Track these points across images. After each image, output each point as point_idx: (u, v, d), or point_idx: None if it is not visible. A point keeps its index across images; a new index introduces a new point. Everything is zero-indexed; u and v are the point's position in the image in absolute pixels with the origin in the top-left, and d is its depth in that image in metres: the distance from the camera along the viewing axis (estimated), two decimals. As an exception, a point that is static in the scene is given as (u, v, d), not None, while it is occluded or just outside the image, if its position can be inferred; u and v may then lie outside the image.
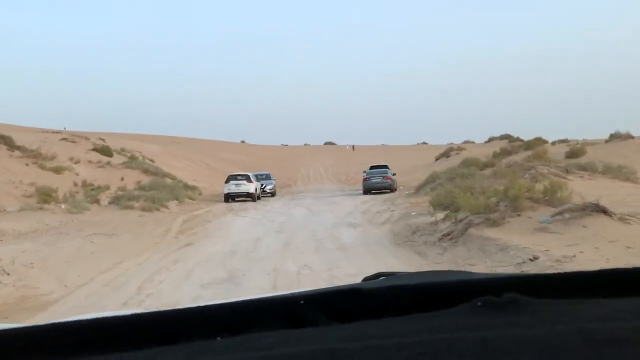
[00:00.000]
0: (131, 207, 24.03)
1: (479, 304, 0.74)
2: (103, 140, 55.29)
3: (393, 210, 19.76)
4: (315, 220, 18.52)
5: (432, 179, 26.74)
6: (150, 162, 47.71)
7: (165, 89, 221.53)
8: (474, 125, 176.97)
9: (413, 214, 16.87)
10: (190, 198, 30.24)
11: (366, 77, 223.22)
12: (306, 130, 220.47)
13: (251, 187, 31.17)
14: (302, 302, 0.85)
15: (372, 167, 35.41)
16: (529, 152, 38.35)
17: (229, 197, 31.01)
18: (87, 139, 52.47)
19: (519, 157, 39.64)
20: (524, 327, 0.67)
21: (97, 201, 25.74)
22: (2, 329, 0.80)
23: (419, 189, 26.97)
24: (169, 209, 24.91)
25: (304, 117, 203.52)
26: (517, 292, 0.76)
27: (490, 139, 75.80)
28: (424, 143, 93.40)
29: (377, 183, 31.91)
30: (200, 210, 25.83)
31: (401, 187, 32.62)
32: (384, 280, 1.10)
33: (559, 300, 0.77)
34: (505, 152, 40.94)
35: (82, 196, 27.12)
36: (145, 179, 35.44)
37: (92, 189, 29.00)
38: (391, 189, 31.67)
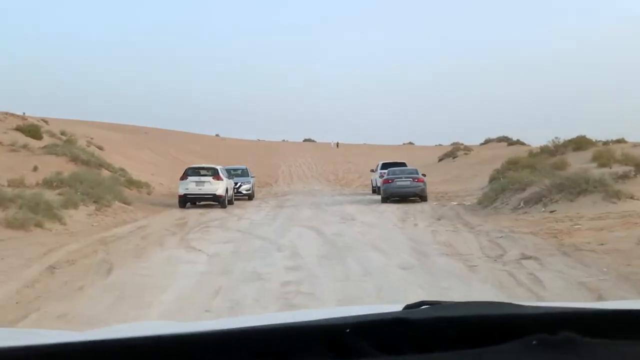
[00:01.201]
0: (-10, 220, 12.01)
1: (534, 342, 0.66)
2: (46, 122, 43.16)
3: (529, 259, 8.20)
4: (375, 293, 6.84)
5: (518, 185, 15.21)
6: (98, 150, 35.53)
7: (142, 79, 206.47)
8: (460, 127, 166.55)
9: None
10: (125, 201, 18.19)
11: (348, 75, 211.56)
12: (284, 126, 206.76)
13: (219, 187, 19.64)
14: (347, 330, 0.77)
15: (385, 165, 24.88)
16: (584, 153, 27.89)
17: (186, 201, 19.72)
18: (24, 119, 40.37)
19: (572, 157, 29.08)
20: None
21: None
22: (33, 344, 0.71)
23: (493, 200, 15.47)
24: (64, 224, 12.93)
25: (282, 112, 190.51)
26: (570, 329, 0.69)
27: (487, 141, 66.55)
28: (411, 143, 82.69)
29: (404, 187, 20.66)
30: (127, 225, 13.95)
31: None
32: (428, 309, 0.96)
33: (615, 340, 0.71)
34: (547, 152, 30.30)
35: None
36: (72, 169, 23.38)
37: (-38, 183, 16.76)
38: (422, 196, 20.71)
